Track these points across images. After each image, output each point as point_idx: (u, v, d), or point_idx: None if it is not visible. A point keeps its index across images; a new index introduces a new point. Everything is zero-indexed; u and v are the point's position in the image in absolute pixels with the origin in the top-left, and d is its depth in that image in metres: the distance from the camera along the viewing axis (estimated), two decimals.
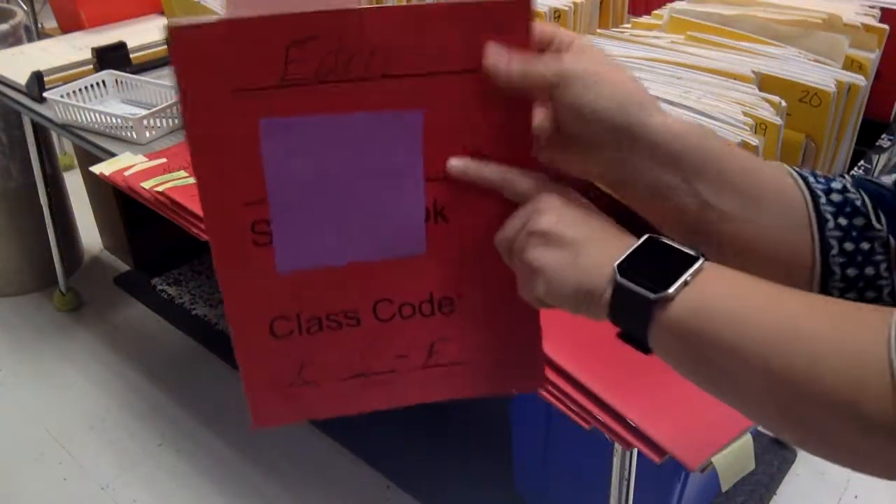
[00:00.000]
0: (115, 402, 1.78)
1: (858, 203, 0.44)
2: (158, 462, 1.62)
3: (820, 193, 0.44)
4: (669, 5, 1.06)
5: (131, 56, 1.59)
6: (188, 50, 0.43)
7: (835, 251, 0.43)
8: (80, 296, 2.06)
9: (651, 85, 0.83)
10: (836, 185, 0.45)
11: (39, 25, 2.05)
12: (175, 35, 0.42)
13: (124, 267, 2.20)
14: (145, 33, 1.75)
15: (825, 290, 0.44)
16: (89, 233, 2.25)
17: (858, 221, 0.43)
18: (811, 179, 0.45)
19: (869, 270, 0.43)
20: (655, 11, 1.07)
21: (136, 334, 1.98)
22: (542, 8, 1.08)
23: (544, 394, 0.80)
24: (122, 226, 2.10)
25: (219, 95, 0.44)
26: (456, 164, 0.47)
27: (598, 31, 0.99)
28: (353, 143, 0.46)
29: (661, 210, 0.45)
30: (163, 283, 2.10)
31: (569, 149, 0.47)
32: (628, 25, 1.08)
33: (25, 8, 2.17)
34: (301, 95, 0.45)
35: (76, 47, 1.68)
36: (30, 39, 1.95)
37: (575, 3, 1.09)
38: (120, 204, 2.04)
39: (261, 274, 0.49)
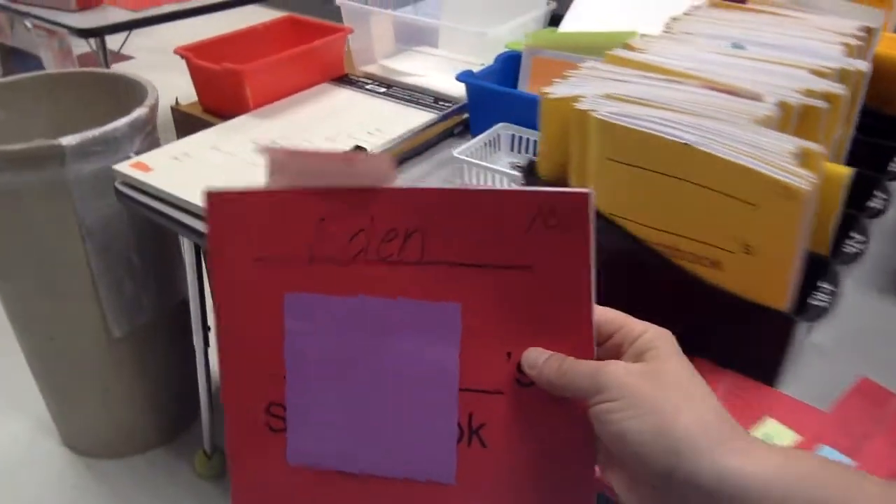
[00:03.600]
0: None
1: None
2: None
3: None
4: None
5: None
6: (221, 213, 0.43)
7: None
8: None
9: None
10: None
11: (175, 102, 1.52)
12: (209, 198, 0.43)
13: None
14: (324, 120, 1.29)
15: None
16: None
17: None
18: None
19: None
20: None
21: None
22: None
23: None
24: None
25: (247, 262, 0.43)
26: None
27: None
28: (381, 332, 0.41)
29: None
30: None
31: (616, 471, 0.38)
32: None
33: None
34: (331, 273, 0.42)
35: (254, 140, 1.21)
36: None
37: None
38: None
39: (268, 462, 0.44)
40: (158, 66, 3.35)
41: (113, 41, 2.62)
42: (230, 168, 1.12)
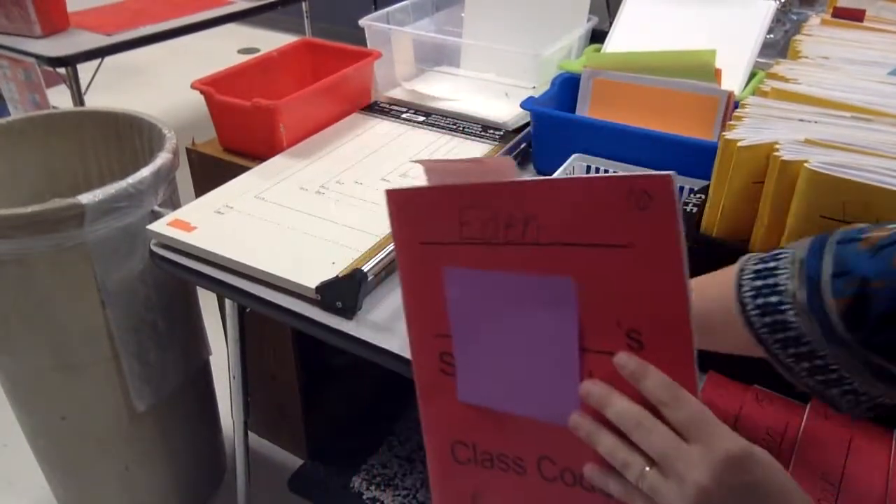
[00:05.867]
0: None
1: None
2: None
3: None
4: None
5: None
6: (398, 207, 0.53)
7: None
8: None
9: None
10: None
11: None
12: (388, 195, 0.52)
13: (292, 460, 1.57)
14: (370, 158, 1.17)
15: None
16: None
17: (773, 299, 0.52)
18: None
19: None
20: None
21: None
22: None
23: None
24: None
25: (416, 245, 0.52)
26: (621, 359, 0.46)
27: None
28: (513, 301, 0.49)
29: None
30: (365, 484, 1.48)
31: None
32: None
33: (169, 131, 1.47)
34: (473, 251, 0.50)
35: (301, 186, 1.07)
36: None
37: None
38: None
39: (446, 399, 0.54)
40: (102, 87, 3.09)
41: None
42: (281, 221, 0.99)
